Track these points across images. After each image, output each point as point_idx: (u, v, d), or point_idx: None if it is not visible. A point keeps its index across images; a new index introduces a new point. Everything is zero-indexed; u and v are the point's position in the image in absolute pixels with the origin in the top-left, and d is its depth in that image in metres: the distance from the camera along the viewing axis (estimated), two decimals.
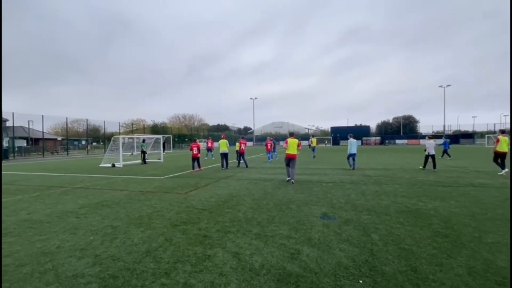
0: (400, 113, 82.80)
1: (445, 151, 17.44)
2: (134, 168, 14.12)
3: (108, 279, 2.63)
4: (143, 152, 16.93)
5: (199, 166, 12.00)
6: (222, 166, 12.70)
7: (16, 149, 28.68)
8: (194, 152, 11.94)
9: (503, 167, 9.51)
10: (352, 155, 11.80)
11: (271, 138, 18.19)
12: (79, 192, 7.36)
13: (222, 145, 13.12)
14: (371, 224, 4.17)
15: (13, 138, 28.11)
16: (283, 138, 69.91)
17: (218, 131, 78.17)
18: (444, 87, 54.30)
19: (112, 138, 18.46)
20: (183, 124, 77.81)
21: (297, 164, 15.41)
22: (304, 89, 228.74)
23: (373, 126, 75.32)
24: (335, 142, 58.50)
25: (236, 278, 2.62)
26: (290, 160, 8.49)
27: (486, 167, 11.83)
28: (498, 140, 9.62)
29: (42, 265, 2.97)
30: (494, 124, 58.11)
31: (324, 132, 73.45)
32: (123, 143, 17.59)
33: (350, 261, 2.93)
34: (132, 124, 56.09)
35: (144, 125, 61.42)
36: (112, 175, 10.99)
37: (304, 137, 62.87)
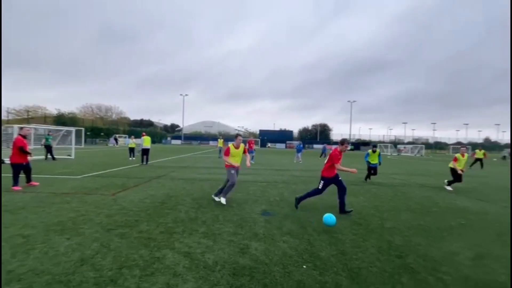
0: (319, 121, 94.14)
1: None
2: (35, 165, 11.61)
3: None
4: (47, 147, 14.10)
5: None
6: (142, 161, 13.25)
7: None
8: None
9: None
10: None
11: (252, 138, 18.95)
12: None
13: (146, 141, 13.53)
14: (306, 218, 4.75)
15: None
16: (214, 138, 69.53)
17: (142, 127, 71.47)
18: (351, 102, 64.59)
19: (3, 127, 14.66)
20: (98, 116, 67.84)
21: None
22: (238, 89, 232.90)
23: (295, 131, 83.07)
24: (263, 144, 61.76)
25: (192, 276, 2.63)
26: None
27: (381, 170, 14.77)
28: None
29: None
30: (384, 135, 72.65)
31: (253, 135, 76.64)
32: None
33: (293, 251, 3.32)
34: (27, 111, 45.54)
35: (45, 114, 50.54)
36: (3, 174, 8.78)
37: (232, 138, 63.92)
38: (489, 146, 68.75)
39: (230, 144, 5.68)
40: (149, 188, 7.06)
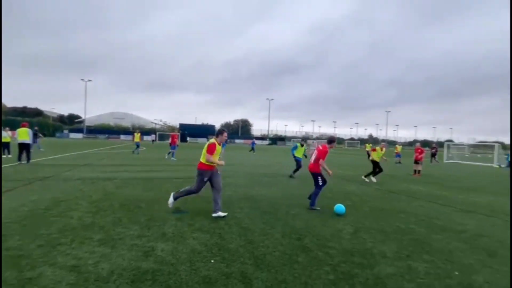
0: (240, 117, 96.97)
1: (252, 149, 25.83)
2: None
3: None
4: None
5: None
6: (19, 159, 10.57)
7: None
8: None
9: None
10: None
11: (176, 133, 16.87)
12: None
13: (21, 134, 10.65)
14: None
15: None
16: (127, 132, 62.04)
17: (25, 116, 57.06)
18: (269, 100, 68.94)
19: None
20: None
21: (148, 161, 14.39)
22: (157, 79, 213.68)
23: (217, 126, 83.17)
24: (183, 139, 59.20)
25: None
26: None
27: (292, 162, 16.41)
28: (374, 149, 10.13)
29: None
30: (296, 131, 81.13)
31: (172, 129, 72.26)
32: None
33: (203, 246, 3.28)
34: None
35: None
36: None
37: (149, 132, 59.01)
38: (372, 140, 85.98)
39: (213, 140, 4.62)
40: (30, 193, 5.68)
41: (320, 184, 5.48)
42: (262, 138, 71.12)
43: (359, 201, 6.28)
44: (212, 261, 2.92)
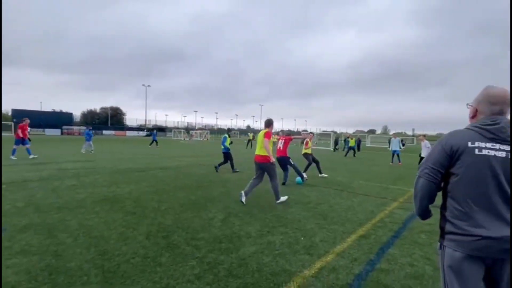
0: (110, 104, 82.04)
1: (154, 141, 22.59)
2: None
3: None
4: None
5: None
6: None
7: None
8: None
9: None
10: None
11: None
12: None
13: None
14: (60, 222, 3.69)
15: None
16: None
17: None
18: (146, 87, 62.55)
19: None
20: None
21: None
22: None
23: (77, 114, 67.39)
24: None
25: None
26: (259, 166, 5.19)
27: (170, 154, 15.47)
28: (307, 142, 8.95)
29: None
30: (178, 122, 77.96)
31: (5, 117, 51.62)
32: None
33: (23, 276, 2.36)
34: None
35: None
36: None
37: None
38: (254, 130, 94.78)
39: (266, 130, 5.11)
40: None
41: (293, 163, 7.05)
42: (139, 129, 63.58)
43: (232, 186, 6.58)
44: None
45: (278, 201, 5.08)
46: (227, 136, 9.51)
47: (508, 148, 1.28)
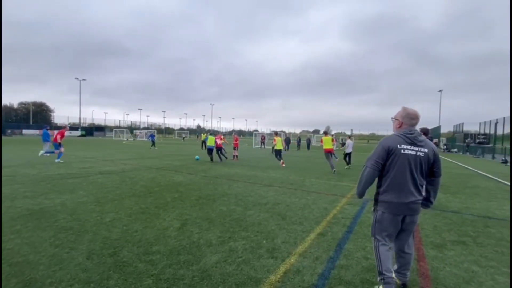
0: (33, 98, 69.73)
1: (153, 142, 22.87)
2: None
3: None
4: None
5: None
6: None
7: None
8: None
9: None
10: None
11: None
12: None
13: None
14: None
15: None
16: None
17: None
18: (80, 80, 55.51)
19: None
20: None
21: None
22: None
23: None
24: None
25: None
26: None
27: (113, 157, 13.95)
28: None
29: None
30: (120, 120, 71.06)
31: None
32: None
33: None
34: None
35: None
36: None
37: None
38: (199, 130, 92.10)
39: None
40: None
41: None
42: (72, 128, 55.79)
43: (185, 190, 6.21)
44: None
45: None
46: (209, 136, 13.64)
47: (417, 148, 2.12)
